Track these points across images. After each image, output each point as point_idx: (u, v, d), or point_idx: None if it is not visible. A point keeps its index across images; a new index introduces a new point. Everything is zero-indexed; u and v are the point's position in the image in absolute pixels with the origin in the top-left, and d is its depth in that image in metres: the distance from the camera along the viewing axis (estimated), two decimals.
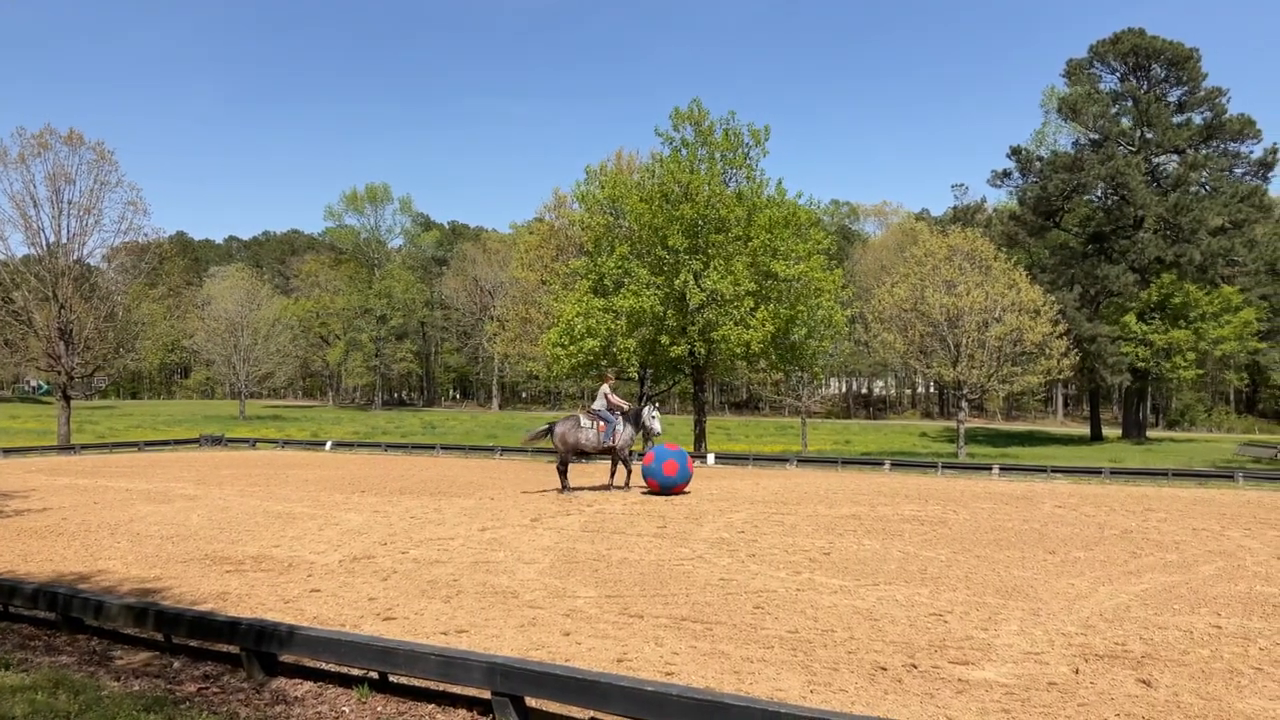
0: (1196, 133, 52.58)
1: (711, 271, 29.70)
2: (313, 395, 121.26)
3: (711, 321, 29.85)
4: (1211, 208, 50.37)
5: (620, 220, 33.07)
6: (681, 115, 32.00)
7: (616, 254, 30.85)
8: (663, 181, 31.08)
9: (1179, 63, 52.85)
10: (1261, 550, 11.79)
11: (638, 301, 29.26)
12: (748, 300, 29.76)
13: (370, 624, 7.96)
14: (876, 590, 9.24)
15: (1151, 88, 53.94)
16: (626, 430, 19.12)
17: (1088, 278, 52.59)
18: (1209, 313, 49.99)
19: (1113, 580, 9.73)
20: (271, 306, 76.27)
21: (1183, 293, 49.95)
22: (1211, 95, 52.80)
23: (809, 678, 6.34)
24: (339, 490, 19.54)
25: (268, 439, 40.35)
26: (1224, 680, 6.29)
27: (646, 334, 30.70)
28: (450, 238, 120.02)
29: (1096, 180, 51.68)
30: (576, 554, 11.39)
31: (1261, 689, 6.10)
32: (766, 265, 29.98)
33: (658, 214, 30.12)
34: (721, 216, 30.17)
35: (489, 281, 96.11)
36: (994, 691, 6.04)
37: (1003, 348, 34.66)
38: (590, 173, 35.34)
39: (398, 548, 11.91)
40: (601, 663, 6.64)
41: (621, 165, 38.47)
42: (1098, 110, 52.47)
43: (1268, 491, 20.99)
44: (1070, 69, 55.65)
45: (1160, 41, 52.85)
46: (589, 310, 29.75)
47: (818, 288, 30.71)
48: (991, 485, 22.00)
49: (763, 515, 15.19)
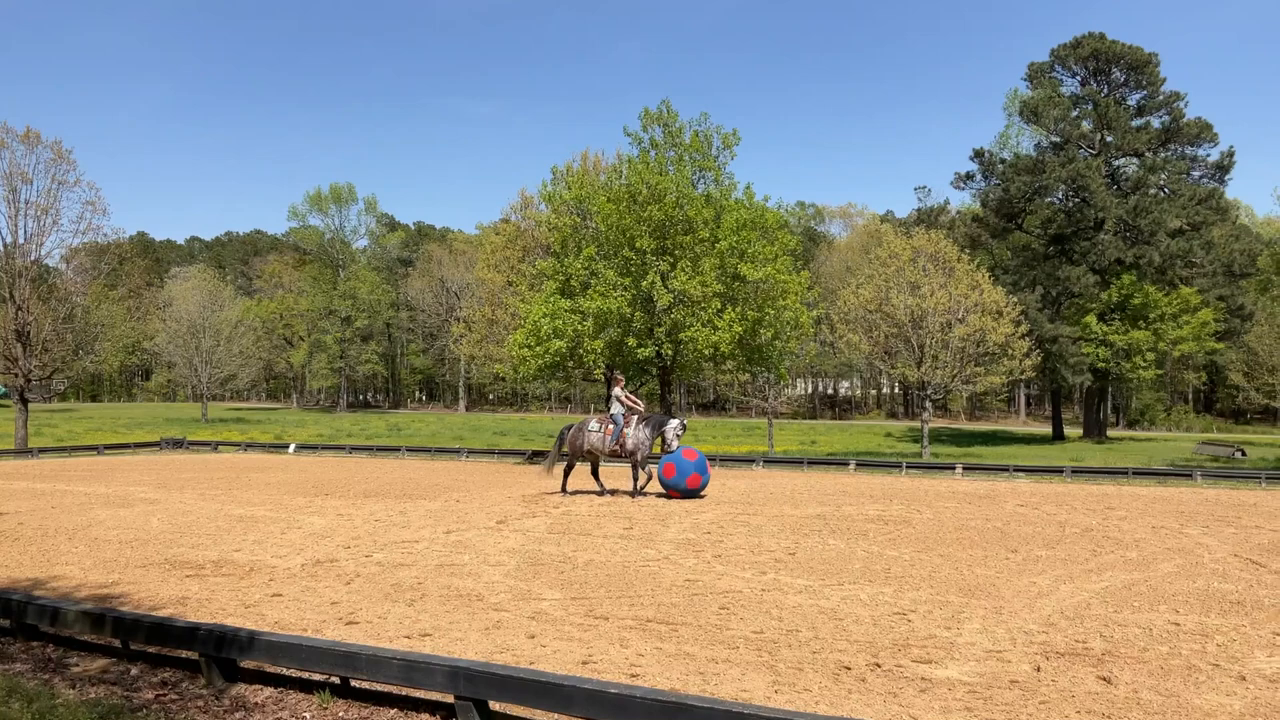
0: (1155, 136, 53.41)
1: (679, 273, 29.72)
2: (276, 397, 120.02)
3: (679, 323, 29.87)
4: (1170, 210, 51.18)
5: (587, 221, 33.01)
6: (651, 116, 32.00)
7: (583, 255, 30.79)
8: (630, 183, 31.05)
9: (1138, 67, 53.67)
10: (1219, 548, 11.98)
11: (605, 303, 29.21)
12: (715, 302, 29.81)
13: (333, 628, 7.88)
14: (841, 590, 9.29)
15: (1111, 91, 54.74)
16: (639, 433, 18.54)
17: (1049, 279, 53.24)
18: (1168, 313, 50.78)
19: (1074, 578, 9.85)
20: (234, 308, 75.48)
21: (1142, 294, 50.71)
22: (1170, 99, 53.65)
23: (774, 678, 6.35)
24: (302, 493, 19.34)
25: (230, 442, 39.90)
26: (1182, 677, 6.38)
27: (613, 335, 30.66)
28: (416, 238, 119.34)
29: (1058, 182, 52.35)
30: (542, 556, 11.35)
31: (1218, 685, 6.19)
32: (734, 267, 30.04)
33: (625, 215, 30.09)
34: (689, 218, 30.19)
35: (455, 283, 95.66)
36: (956, 690, 6.08)
37: (966, 348, 35.00)
38: (557, 173, 35.26)
39: (361, 551, 11.81)
40: (566, 665, 6.62)
41: (588, 166, 38.41)
42: (1059, 113, 53.15)
43: (1225, 490, 21.37)
44: (1032, 72, 56.32)
45: (1120, 46, 53.64)
46: (555, 311, 29.66)
47: (784, 289, 30.82)
48: (955, 484, 22.20)
49: (729, 516, 15.22)
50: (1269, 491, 21.11)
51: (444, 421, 73.61)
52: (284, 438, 46.23)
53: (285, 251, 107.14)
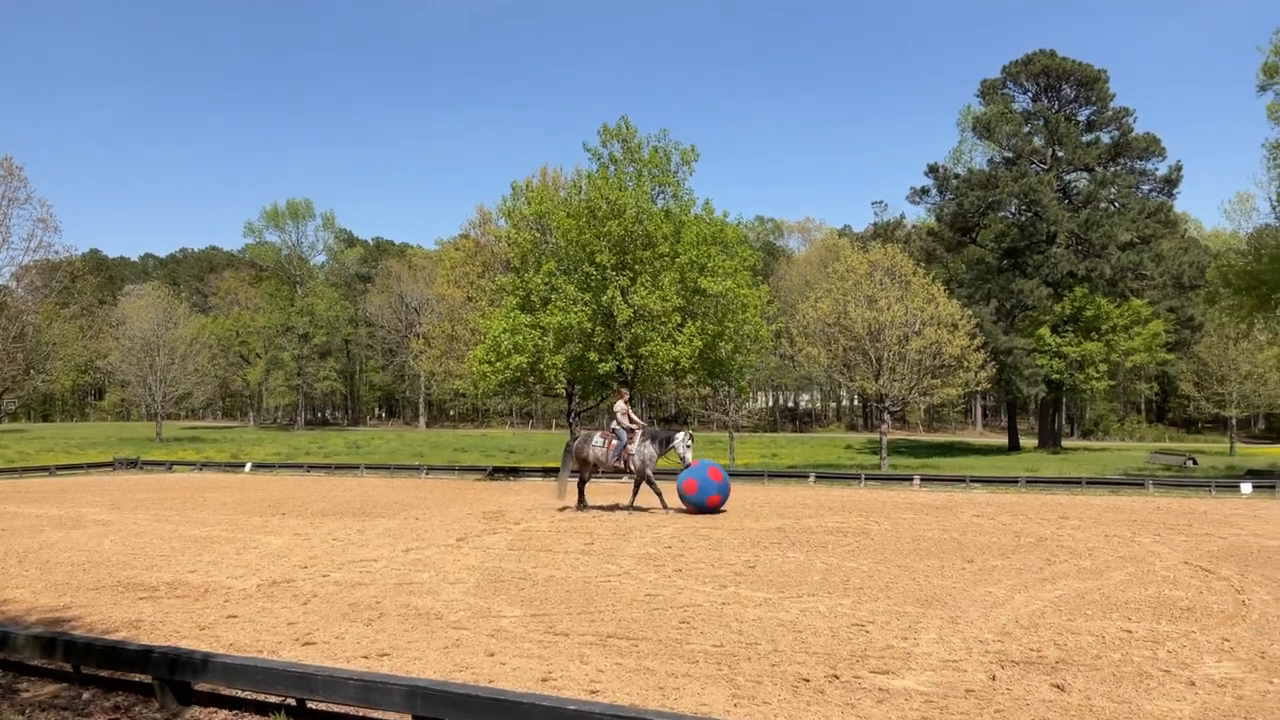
0: (1105, 151, 54.51)
1: (639, 288, 29.78)
2: (233, 416, 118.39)
3: (639, 337, 29.92)
4: (1120, 223, 52.23)
5: (547, 236, 33.00)
6: (610, 132, 32.11)
7: (543, 270, 30.77)
8: (590, 198, 31.11)
9: (1088, 83, 54.79)
10: (1170, 555, 12.20)
11: (565, 318, 29.19)
12: (675, 316, 29.90)
13: (289, 649, 7.79)
14: (800, 602, 9.35)
15: (1062, 107, 55.81)
16: (644, 449, 18.42)
17: (1003, 292, 54.05)
18: (1119, 325, 51.73)
19: (1028, 587, 9.98)
20: (189, 325, 74.42)
21: (1094, 306, 51.63)
22: (1119, 115, 54.82)
23: (733, 691, 6.37)
24: (258, 513, 19.10)
25: (185, 461, 39.35)
26: (1134, 683, 6.48)
27: (574, 350, 30.63)
28: (375, 254, 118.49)
29: (1010, 197, 53.23)
30: (502, 573, 11.30)
31: (1169, 690, 6.30)
32: (694, 281, 30.17)
33: (585, 230, 30.13)
34: (649, 233, 30.28)
35: (414, 298, 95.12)
36: (913, 700, 6.14)
37: (923, 361, 35.40)
38: (516, 189, 35.24)
39: (319, 571, 11.69)
40: (526, 683, 6.60)
41: (547, 181, 38.45)
42: (1011, 129, 54.08)
43: (1177, 498, 21.77)
44: (985, 89, 57.27)
45: (1070, 63, 54.75)
46: (516, 327, 29.59)
47: (744, 303, 30.99)
48: (913, 496, 22.41)
49: (689, 530, 15.25)
50: (1219, 500, 21.54)
51: (404, 438, 73.05)
52: (240, 456, 45.65)
53: (241, 268, 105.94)
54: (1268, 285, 30.94)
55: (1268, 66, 30.87)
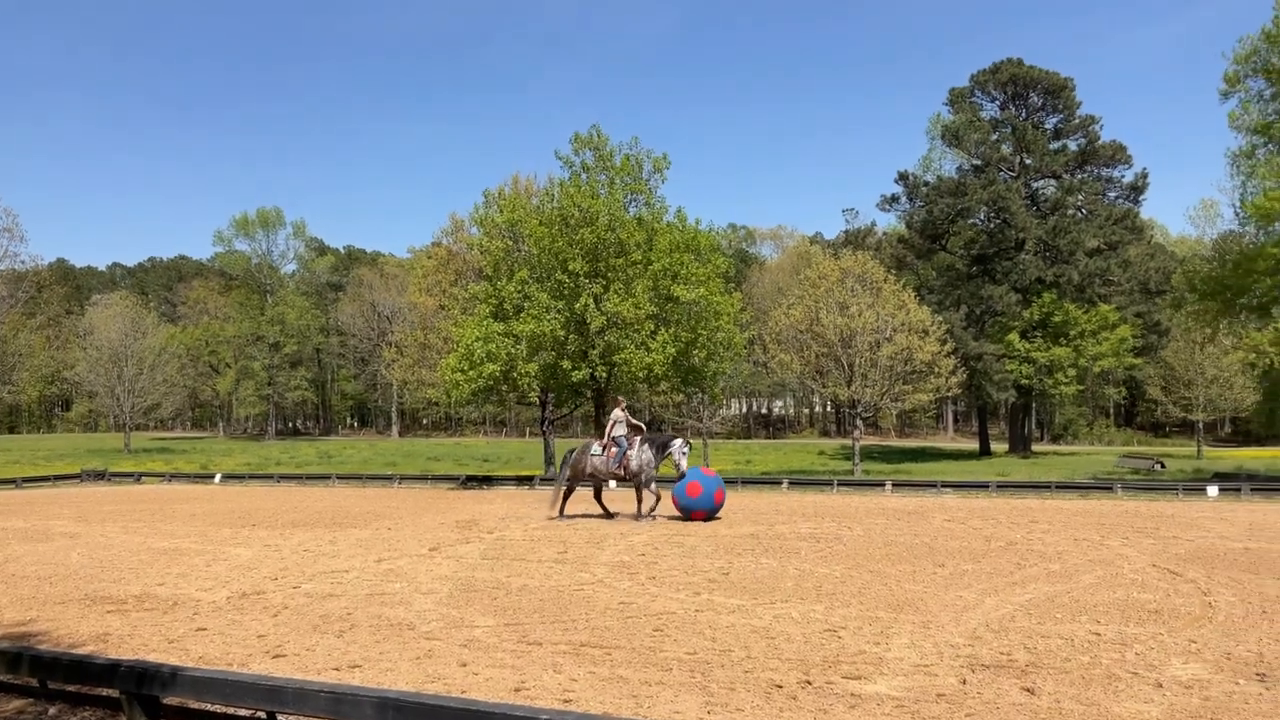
0: (1072, 158, 55.17)
1: (612, 295, 29.81)
2: (202, 426, 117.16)
3: (613, 345, 29.93)
4: (1088, 230, 52.86)
5: (519, 244, 32.97)
6: (582, 140, 32.15)
7: (516, 278, 30.72)
8: (562, 206, 31.11)
9: (1055, 91, 55.44)
10: (1139, 558, 12.33)
11: (538, 325, 29.16)
12: (648, 323, 29.95)
13: (259, 662, 7.72)
14: (773, 609, 9.37)
15: (1029, 115, 56.42)
16: (643, 455, 18.36)
17: (973, 298, 54.53)
18: (1088, 330, 52.30)
19: (999, 591, 10.06)
20: (158, 335, 73.59)
21: (1063, 311, 52.18)
22: (1086, 122, 55.50)
23: (706, 699, 6.38)
24: (228, 524, 18.92)
25: (154, 472, 38.94)
26: (1102, 686, 6.55)
27: (547, 358, 30.62)
28: (346, 263, 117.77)
29: (979, 204, 53.73)
30: (475, 582, 11.25)
31: (1137, 693, 6.37)
32: (667, 289, 30.23)
33: (557, 238, 30.12)
34: (621, 241, 30.33)
35: (386, 307, 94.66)
36: (885, 705, 6.17)
37: (894, 366, 35.65)
38: (489, 196, 35.19)
39: (289, 582, 11.59)
40: (499, 693, 6.57)
41: (519, 189, 38.39)
42: (979, 137, 54.63)
43: (1145, 501, 22.03)
44: (953, 97, 57.81)
45: (1037, 71, 55.38)
46: (489, 335, 29.52)
47: (717, 310, 31.09)
48: (885, 501, 22.54)
49: (663, 537, 15.26)
50: (1186, 503, 21.82)
51: (376, 448, 72.63)
52: (210, 467, 45.19)
53: (211, 277, 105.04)
54: (1232, 290, 31.41)
55: (1230, 75, 31.40)
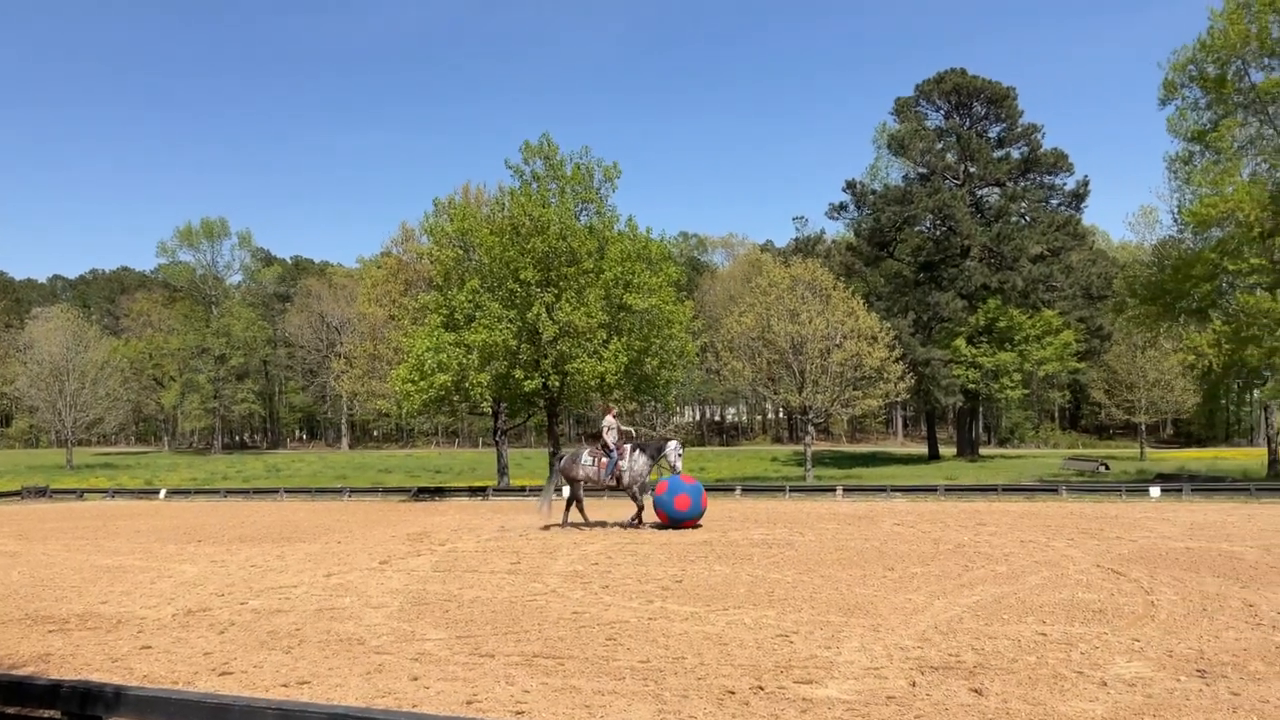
0: (1015, 166, 56.20)
1: (564, 304, 29.75)
2: (147, 441, 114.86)
3: (565, 354, 29.87)
4: (1031, 236, 53.86)
5: (470, 254, 32.80)
6: (532, 149, 32.07)
7: (467, 288, 30.55)
8: (513, 215, 31.01)
9: (997, 100, 56.46)
10: (1083, 559, 12.56)
11: (490, 335, 29.01)
12: (601, 332, 29.93)
13: (205, 680, 7.58)
14: (726, 615, 9.40)
15: (973, 124, 57.40)
16: (637, 463, 18.32)
17: (920, 304, 55.26)
18: (1032, 335, 53.23)
19: (947, 593, 10.19)
20: (100, 348, 72.10)
21: (1007, 317, 53.06)
22: (1028, 131, 56.58)
23: (659, 706, 6.38)
24: (173, 541, 18.57)
25: (97, 489, 38.18)
26: (1048, 685, 6.65)
27: (499, 368, 30.45)
28: (293, 273, 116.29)
29: (925, 212, 54.53)
30: (427, 595, 11.15)
31: (1082, 691, 6.48)
32: (619, 297, 30.25)
33: (509, 247, 30.01)
34: (573, 249, 30.29)
35: (335, 317, 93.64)
36: (836, 708, 6.21)
37: (844, 373, 36.01)
38: (439, 205, 34.97)
39: (236, 598, 11.40)
40: (450, 706, 6.51)
41: (470, 198, 38.21)
42: (924, 146, 55.44)
43: (1089, 503, 22.46)
44: (899, 106, 58.61)
45: (980, 81, 56.36)
46: (440, 345, 29.31)
47: (669, 319, 31.17)
48: (836, 506, 22.74)
49: (617, 546, 15.24)
50: (1129, 503, 22.28)
51: (326, 460, 71.74)
52: (155, 483, 44.35)
53: (154, 289, 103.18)
54: (1171, 295, 32.18)
55: (1168, 83, 32.21)
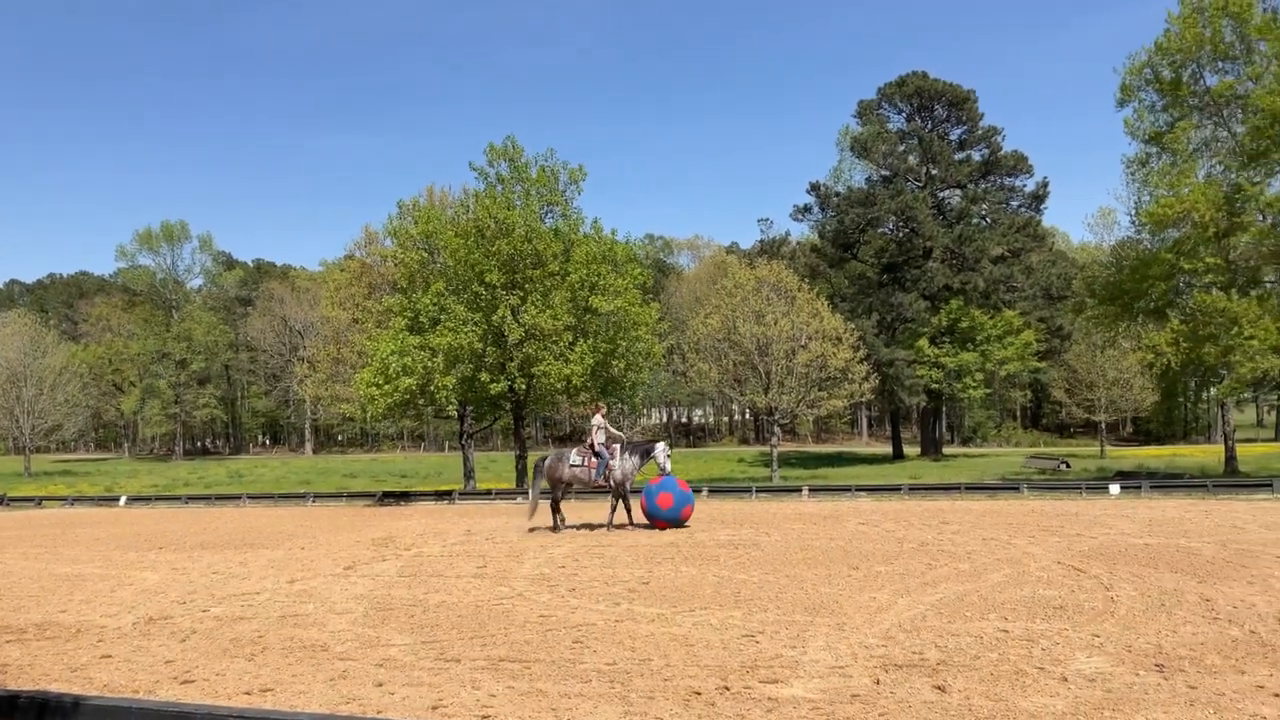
0: (976, 168, 56.85)
1: (530, 307, 29.70)
2: (107, 447, 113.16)
3: (531, 356, 29.82)
4: (992, 238, 54.50)
5: (435, 256, 32.66)
6: (497, 151, 32.00)
7: (432, 290, 30.41)
8: (478, 217, 30.92)
9: (958, 103, 57.09)
10: (1044, 556, 12.70)
11: (455, 338, 28.90)
12: (567, 335, 29.91)
13: (167, 689, 7.48)
14: (693, 616, 9.41)
15: (935, 127, 57.99)
16: (627, 463, 18.07)
17: (884, 305, 55.73)
18: (993, 335, 53.87)
19: (911, 592, 10.27)
20: (58, 354, 71.05)
21: (969, 317, 53.66)
22: (988, 133, 57.26)
23: (626, 708, 6.38)
24: (134, 548, 18.30)
25: (55, 496, 37.62)
26: (1010, 681, 6.72)
27: (465, 371, 30.35)
28: (255, 276, 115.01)
29: (888, 214, 55.01)
30: (392, 600, 11.07)
31: (1043, 687, 6.55)
32: (585, 300, 30.25)
33: (473, 250, 29.92)
34: (538, 252, 30.26)
35: (298, 321, 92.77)
36: (801, 707, 6.24)
37: (809, 373, 36.24)
38: (403, 207, 34.79)
39: (198, 606, 11.26)
40: (415, 711, 6.48)
41: (434, 201, 38.03)
42: (886, 148, 55.94)
43: (1050, 501, 22.73)
44: (861, 109, 59.10)
45: (941, 84, 56.96)
46: (404, 348, 29.15)
47: (635, 321, 31.22)
48: (801, 506, 22.85)
49: (584, 548, 15.22)
50: (1089, 501, 22.57)
51: (289, 466, 71.07)
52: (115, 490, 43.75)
53: (114, 293, 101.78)
54: (1129, 295, 32.68)
55: (1125, 85, 32.74)
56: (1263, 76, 29.19)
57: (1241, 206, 29.18)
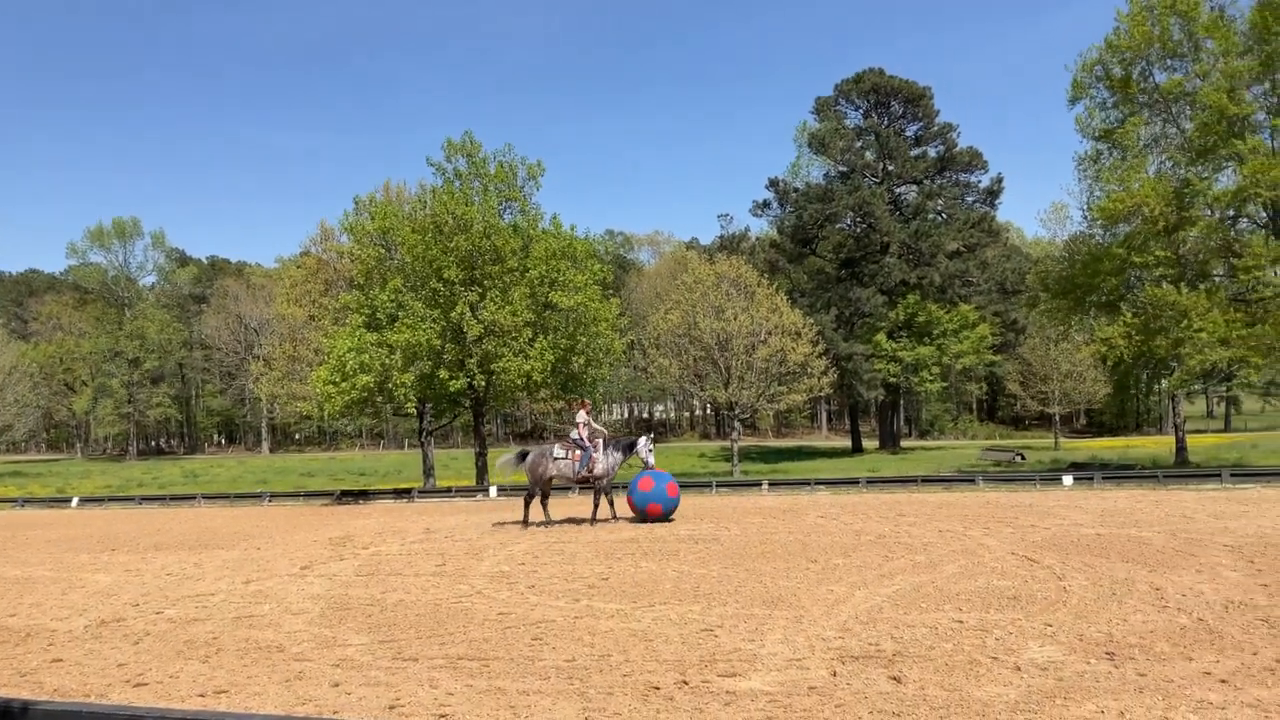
0: (932, 164, 57.46)
1: (489, 303, 29.56)
2: (58, 448, 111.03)
3: (490, 353, 29.67)
4: (948, 233, 55.14)
5: (392, 252, 32.39)
6: (454, 147, 31.79)
7: (389, 287, 30.17)
8: (435, 213, 30.70)
9: (914, 100, 57.66)
10: (999, 547, 12.87)
11: (413, 335, 28.69)
12: (526, 331, 29.80)
13: (119, 692, 7.37)
14: (652, 611, 9.43)
15: (891, 123, 58.52)
16: (609, 459, 18.09)
17: (842, 300, 56.17)
18: (949, 329, 54.51)
19: (868, 584, 10.37)
20: (8, 353, 69.59)
21: (926, 312, 54.25)
22: (944, 130, 57.88)
23: (584, 704, 6.38)
24: (86, 550, 17.99)
25: (5, 498, 36.92)
26: (965, 671, 6.80)
27: (424, 368, 30.14)
28: (210, 273, 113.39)
29: (846, 210, 55.43)
30: (349, 600, 10.98)
31: (997, 676, 6.64)
32: (545, 296, 30.16)
33: (431, 246, 29.71)
34: (497, 248, 30.12)
35: (254, 319, 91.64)
36: (759, 700, 6.28)
37: (769, 368, 36.43)
38: (359, 203, 34.44)
39: (151, 608, 11.09)
40: (372, 711, 6.43)
41: (390, 196, 37.72)
42: (844, 144, 56.37)
43: (1005, 492, 23.03)
44: (819, 105, 59.47)
45: (897, 80, 57.48)
46: (361, 345, 28.88)
47: (595, 316, 31.18)
48: (761, 500, 22.97)
49: (543, 545, 15.19)
50: (1043, 492, 22.89)
51: (246, 465, 70.19)
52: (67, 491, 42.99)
53: (64, 291, 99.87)
54: (1082, 289, 33.18)
55: (1076, 82, 33.22)
56: (1210, 74, 29.74)
57: (1190, 201, 29.72)
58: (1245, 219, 31.64)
